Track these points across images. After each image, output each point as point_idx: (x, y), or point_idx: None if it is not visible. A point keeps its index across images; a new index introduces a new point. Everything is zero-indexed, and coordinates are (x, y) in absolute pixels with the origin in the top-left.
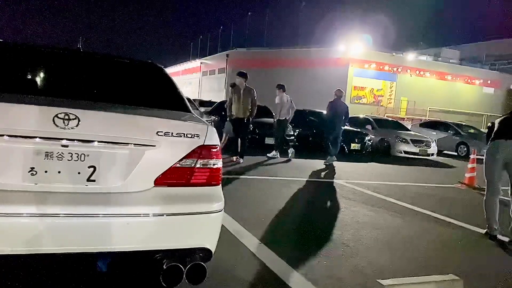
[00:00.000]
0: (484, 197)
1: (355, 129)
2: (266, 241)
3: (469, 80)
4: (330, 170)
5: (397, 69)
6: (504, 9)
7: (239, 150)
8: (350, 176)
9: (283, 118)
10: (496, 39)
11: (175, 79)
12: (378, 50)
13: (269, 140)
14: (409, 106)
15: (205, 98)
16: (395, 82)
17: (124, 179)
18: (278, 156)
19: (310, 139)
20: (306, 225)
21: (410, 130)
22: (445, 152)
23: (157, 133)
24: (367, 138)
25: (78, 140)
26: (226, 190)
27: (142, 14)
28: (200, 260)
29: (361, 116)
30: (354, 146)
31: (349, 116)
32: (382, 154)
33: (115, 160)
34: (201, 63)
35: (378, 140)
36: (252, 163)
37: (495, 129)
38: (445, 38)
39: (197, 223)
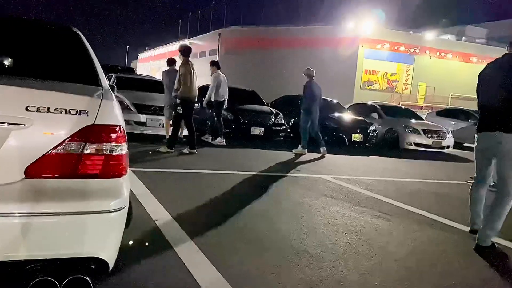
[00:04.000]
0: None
1: (357, 117)
2: (206, 247)
3: None
4: (317, 164)
5: (415, 50)
6: None
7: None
8: (340, 171)
9: (222, 99)
10: None
11: (160, 62)
12: (393, 28)
13: (255, 131)
14: (428, 93)
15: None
16: (412, 65)
17: None
18: (224, 142)
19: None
20: (265, 229)
21: (423, 119)
22: (465, 144)
23: (27, 108)
24: (371, 127)
25: None
26: (180, 185)
27: None
28: (90, 273)
29: (366, 102)
30: (356, 137)
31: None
32: (390, 146)
33: None
34: (190, 43)
35: (385, 131)
36: (230, 154)
37: None
38: (470, 14)
39: (86, 226)
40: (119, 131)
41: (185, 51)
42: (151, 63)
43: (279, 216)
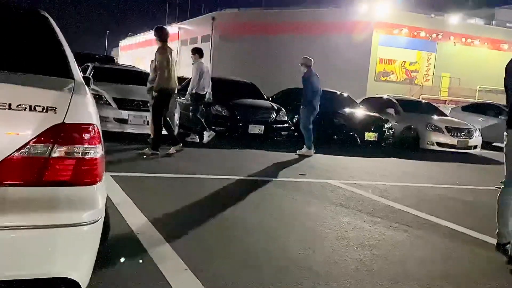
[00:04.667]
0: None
1: (371, 114)
2: (195, 265)
3: None
4: (325, 167)
5: (437, 35)
6: None
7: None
8: (351, 175)
9: (203, 92)
10: None
11: (145, 50)
12: (412, 10)
13: (254, 129)
14: (453, 85)
15: (185, 73)
16: (433, 53)
17: None
18: (197, 139)
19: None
20: (262, 243)
21: (446, 115)
22: (495, 144)
23: None
24: (387, 125)
25: None
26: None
27: None
28: None
29: (381, 96)
30: (369, 135)
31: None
32: (408, 146)
33: None
34: (179, 28)
35: (402, 128)
36: (224, 156)
37: None
38: None
39: (55, 242)
40: (93, 131)
41: (162, 35)
42: (134, 51)
43: (280, 228)
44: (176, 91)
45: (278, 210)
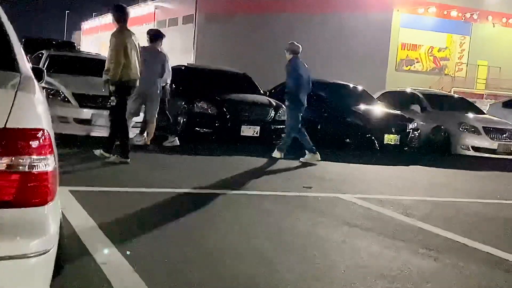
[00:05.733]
0: None
1: (392, 111)
2: None
3: None
4: (335, 177)
5: (472, 15)
6: None
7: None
8: (368, 188)
9: (164, 83)
10: None
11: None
12: None
13: (248, 131)
14: (491, 76)
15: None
16: (468, 37)
17: None
18: (177, 142)
19: (319, 127)
20: (259, 273)
21: (484, 113)
22: None
23: None
24: (411, 125)
25: None
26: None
27: None
28: None
29: (404, 89)
30: (390, 138)
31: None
32: (438, 151)
33: None
34: (155, 7)
35: (430, 129)
36: (210, 164)
37: None
38: None
39: None
40: (43, 138)
41: (120, 15)
42: (100, 35)
43: (280, 254)
44: (137, 84)
45: (277, 233)
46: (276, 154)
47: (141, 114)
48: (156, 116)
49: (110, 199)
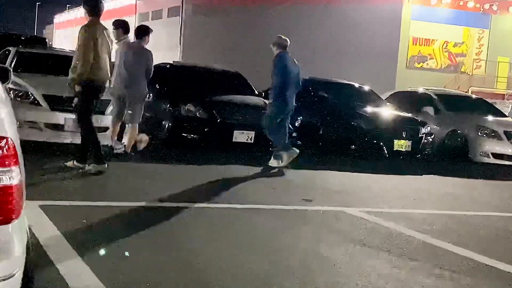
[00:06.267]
0: None
1: (402, 114)
2: None
3: None
4: (338, 188)
5: (491, 6)
6: None
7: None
8: (376, 200)
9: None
10: None
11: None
12: None
13: (241, 136)
14: None
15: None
16: (487, 30)
17: None
18: (123, 148)
19: (321, 132)
20: None
21: (506, 115)
22: None
23: None
24: (424, 129)
25: None
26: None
27: None
28: None
29: (416, 89)
30: (400, 144)
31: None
32: (454, 159)
33: None
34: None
35: (445, 134)
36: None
37: None
38: None
39: None
40: (7, 148)
41: (93, 8)
42: (74, 30)
43: (278, 275)
44: (109, 84)
45: (273, 251)
46: (273, 162)
47: (107, 118)
48: (140, 121)
49: (83, 214)
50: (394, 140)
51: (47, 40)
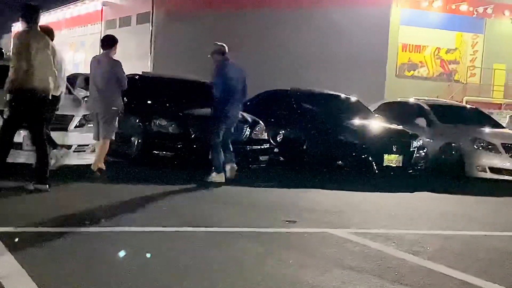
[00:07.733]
0: None
1: (392, 126)
2: None
3: None
4: (324, 208)
5: (485, 9)
6: None
7: None
8: (365, 221)
9: (58, 92)
10: None
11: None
12: None
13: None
14: (511, 81)
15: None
16: (481, 36)
17: None
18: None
19: (305, 147)
20: None
21: (503, 127)
22: None
23: None
24: (416, 143)
25: None
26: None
27: None
28: None
29: (407, 99)
30: (391, 159)
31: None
32: (449, 174)
33: None
34: (103, 4)
35: (439, 147)
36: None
37: None
38: None
39: None
40: None
41: (29, 15)
42: None
43: None
44: (49, 95)
45: (252, 278)
46: (212, 177)
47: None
48: (112, 137)
49: (45, 240)
50: (384, 154)
51: (3, 50)
